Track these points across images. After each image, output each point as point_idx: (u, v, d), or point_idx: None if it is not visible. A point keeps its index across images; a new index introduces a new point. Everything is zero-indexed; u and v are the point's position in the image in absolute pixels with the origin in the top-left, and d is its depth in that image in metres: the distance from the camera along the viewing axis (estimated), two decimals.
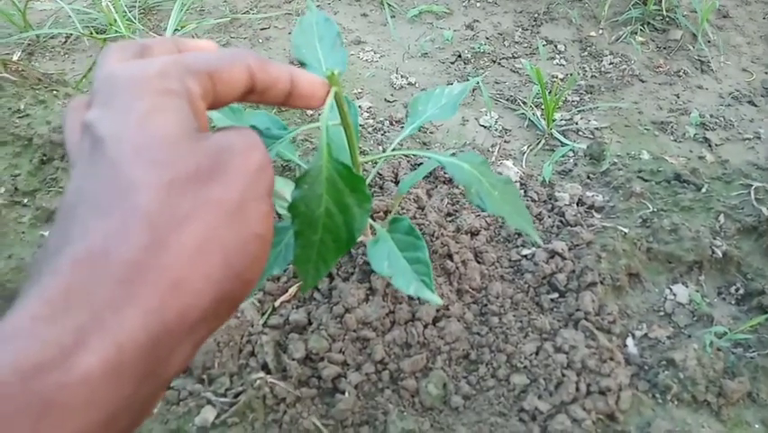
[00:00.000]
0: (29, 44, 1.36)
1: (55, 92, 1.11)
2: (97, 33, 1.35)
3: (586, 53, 1.39)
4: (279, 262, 0.53)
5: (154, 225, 0.24)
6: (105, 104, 0.27)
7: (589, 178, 1.06)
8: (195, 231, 0.24)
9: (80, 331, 0.21)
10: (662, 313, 0.84)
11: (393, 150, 0.68)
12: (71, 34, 1.38)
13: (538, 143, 1.14)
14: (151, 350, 0.23)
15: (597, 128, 1.18)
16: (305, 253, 0.43)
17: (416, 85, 1.29)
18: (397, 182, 0.95)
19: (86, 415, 0.21)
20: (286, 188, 0.74)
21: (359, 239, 0.79)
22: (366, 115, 1.19)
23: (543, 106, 1.15)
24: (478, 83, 1.27)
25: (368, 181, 0.91)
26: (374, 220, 0.85)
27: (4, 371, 0.20)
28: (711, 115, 1.22)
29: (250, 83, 0.31)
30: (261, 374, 0.70)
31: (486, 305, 0.80)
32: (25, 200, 0.94)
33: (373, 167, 0.88)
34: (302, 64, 0.61)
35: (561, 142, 1.14)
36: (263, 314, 0.78)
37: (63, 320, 0.21)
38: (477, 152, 1.07)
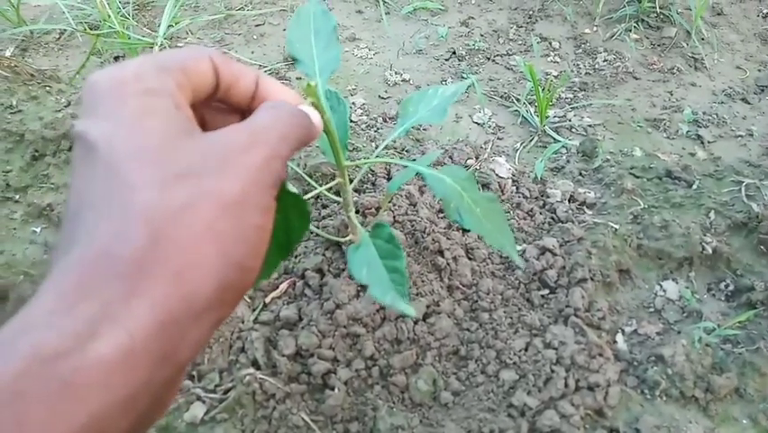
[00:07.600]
0: (22, 40, 1.36)
1: (48, 88, 1.11)
2: (91, 29, 1.35)
3: (580, 50, 1.39)
4: None
5: (151, 221, 0.25)
6: (91, 112, 0.28)
7: (581, 174, 1.06)
8: (190, 223, 0.26)
9: (93, 322, 0.23)
10: (651, 309, 0.84)
11: (381, 152, 0.68)
12: (65, 30, 1.38)
13: (531, 140, 1.15)
14: (161, 337, 0.24)
15: (590, 125, 1.18)
16: None
17: (411, 82, 1.29)
18: (389, 179, 0.95)
19: (103, 396, 0.23)
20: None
21: (347, 237, 0.80)
22: (360, 111, 1.19)
23: (536, 103, 1.15)
24: (472, 81, 1.27)
25: (359, 179, 0.92)
26: (365, 216, 0.85)
27: (26, 358, 0.22)
28: (704, 113, 1.22)
29: (215, 76, 0.32)
30: (251, 370, 0.70)
31: (476, 301, 0.80)
32: (17, 196, 0.94)
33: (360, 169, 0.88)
34: (295, 60, 0.61)
35: (554, 138, 1.14)
36: (254, 310, 0.78)
37: (76, 313, 0.23)
38: (470, 148, 1.07)
